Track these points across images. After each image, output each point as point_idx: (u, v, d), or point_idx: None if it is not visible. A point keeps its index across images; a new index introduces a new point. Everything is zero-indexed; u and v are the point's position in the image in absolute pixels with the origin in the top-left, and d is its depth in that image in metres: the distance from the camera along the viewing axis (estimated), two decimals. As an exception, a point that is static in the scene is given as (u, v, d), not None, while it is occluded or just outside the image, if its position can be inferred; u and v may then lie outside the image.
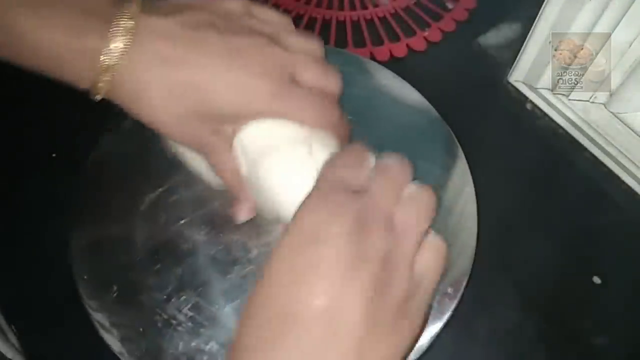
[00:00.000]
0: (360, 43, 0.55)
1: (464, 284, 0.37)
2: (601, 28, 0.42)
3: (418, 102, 0.45)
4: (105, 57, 0.29)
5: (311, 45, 0.35)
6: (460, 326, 0.40)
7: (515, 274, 0.43)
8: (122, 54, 0.29)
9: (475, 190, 0.43)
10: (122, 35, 0.29)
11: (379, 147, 0.40)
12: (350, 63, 0.47)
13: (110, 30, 0.29)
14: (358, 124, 0.42)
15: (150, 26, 0.30)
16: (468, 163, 0.43)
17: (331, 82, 0.35)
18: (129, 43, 0.29)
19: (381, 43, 0.55)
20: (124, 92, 0.30)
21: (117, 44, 0.29)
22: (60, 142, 0.46)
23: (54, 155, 0.46)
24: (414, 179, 0.30)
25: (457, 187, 0.41)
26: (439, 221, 0.38)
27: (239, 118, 0.33)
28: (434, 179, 0.41)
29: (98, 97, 0.31)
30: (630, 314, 0.42)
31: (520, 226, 0.45)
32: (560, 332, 0.41)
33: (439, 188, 0.40)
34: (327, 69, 0.35)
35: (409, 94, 0.45)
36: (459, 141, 0.44)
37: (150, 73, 0.30)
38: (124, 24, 0.29)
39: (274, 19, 0.35)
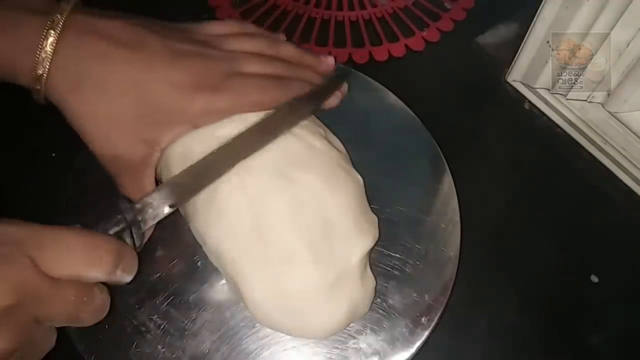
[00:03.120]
0: (358, 43, 0.55)
1: (439, 314, 0.36)
2: (599, 28, 0.43)
3: (401, 112, 0.44)
4: (42, 50, 0.29)
5: (252, 43, 0.36)
6: (457, 325, 0.40)
7: (512, 273, 0.43)
8: (59, 48, 0.30)
9: (473, 190, 0.43)
10: (58, 30, 0.30)
11: (368, 168, 0.38)
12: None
13: (47, 25, 0.29)
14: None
15: (88, 23, 0.31)
16: (466, 163, 0.44)
17: (277, 67, 0.35)
18: (65, 38, 0.30)
19: (380, 43, 0.55)
20: (61, 86, 0.30)
21: (53, 38, 0.29)
22: (60, 142, 0.46)
23: (53, 155, 0.46)
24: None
25: (444, 215, 0.40)
26: (421, 247, 0.38)
27: (174, 122, 0.32)
28: (420, 205, 0.40)
29: (39, 95, 0.31)
30: (628, 312, 0.42)
31: (518, 225, 0.45)
32: (558, 331, 0.41)
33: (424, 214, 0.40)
34: (270, 60, 0.35)
35: (400, 110, 0.45)
36: (455, 141, 0.45)
37: (88, 67, 0.31)
38: (60, 19, 0.30)
39: (215, 30, 0.36)
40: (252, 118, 0.35)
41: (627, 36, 0.42)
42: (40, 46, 0.29)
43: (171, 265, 0.37)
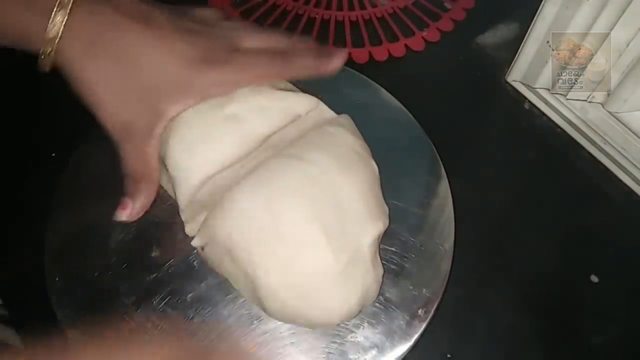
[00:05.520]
0: (358, 43, 0.55)
1: (435, 305, 0.36)
2: (599, 28, 0.43)
3: (400, 112, 0.44)
4: (57, 13, 0.30)
5: (247, 25, 0.38)
6: (457, 325, 0.40)
7: (512, 273, 0.43)
8: (73, 12, 0.31)
9: (473, 189, 0.43)
10: (69, 2, 0.30)
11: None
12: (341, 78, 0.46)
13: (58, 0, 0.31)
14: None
15: None
16: (465, 163, 0.44)
17: (272, 40, 0.37)
18: (79, 4, 0.31)
19: (380, 43, 0.55)
20: (73, 49, 0.31)
21: (68, 2, 0.30)
22: (60, 142, 0.47)
23: (53, 155, 0.47)
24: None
25: (438, 209, 0.40)
26: (416, 240, 0.38)
27: (184, 94, 0.33)
28: (416, 201, 0.40)
29: (47, 60, 0.31)
30: (628, 312, 0.42)
31: (518, 225, 0.45)
32: (558, 331, 0.41)
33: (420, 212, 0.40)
34: (267, 34, 0.37)
35: (393, 107, 0.45)
36: (455, 140, 0.45)
37: (101, 33, 0.32)
38: None
39: (211, 14, 0.37)
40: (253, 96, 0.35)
41: (627, 36, 0.42)
42: (55, 9, 0.30)
43: (167, 266, 0.37)
